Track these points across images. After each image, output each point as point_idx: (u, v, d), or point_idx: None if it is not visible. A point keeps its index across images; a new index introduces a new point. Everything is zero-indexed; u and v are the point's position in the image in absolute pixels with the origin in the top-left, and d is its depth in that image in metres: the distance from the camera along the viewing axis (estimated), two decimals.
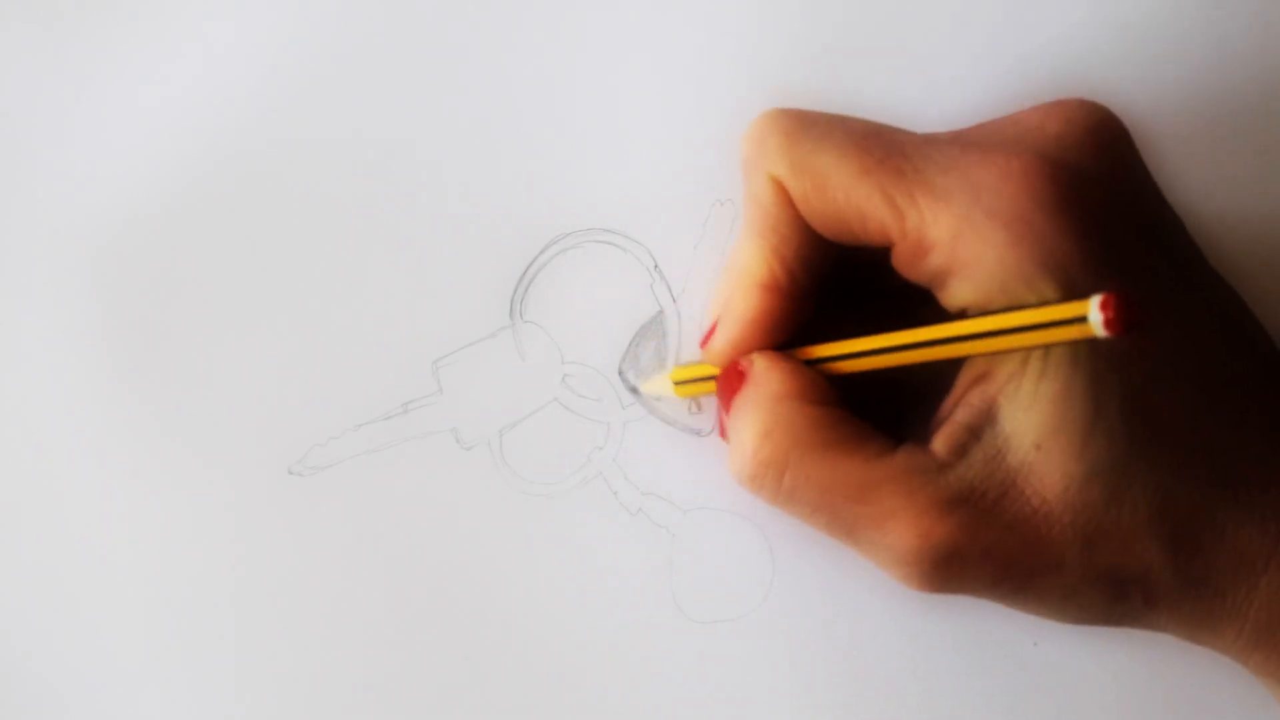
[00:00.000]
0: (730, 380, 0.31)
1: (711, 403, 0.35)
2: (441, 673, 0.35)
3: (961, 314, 0.28)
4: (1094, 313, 0.24)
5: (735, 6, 0.35)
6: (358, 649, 0.35)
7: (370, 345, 0.35)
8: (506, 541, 0.35)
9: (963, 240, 0.27)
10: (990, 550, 0.27)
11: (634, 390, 0.35)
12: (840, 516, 0.28)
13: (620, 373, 0.35)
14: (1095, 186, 0.28)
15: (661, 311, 0.35)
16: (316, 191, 0.35)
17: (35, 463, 0.35)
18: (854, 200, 0.28)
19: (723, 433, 0.33)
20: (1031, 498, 0.27)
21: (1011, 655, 0.34)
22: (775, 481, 0.29)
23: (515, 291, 0.35)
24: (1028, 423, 0.27)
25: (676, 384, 0.33)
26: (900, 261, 0.29)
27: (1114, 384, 0.27)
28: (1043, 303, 0.26)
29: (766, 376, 0.30)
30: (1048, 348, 0.27)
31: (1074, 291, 0.26)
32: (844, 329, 0.30)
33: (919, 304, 0.29)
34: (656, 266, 0.35)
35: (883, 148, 0.28)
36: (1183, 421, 0.28)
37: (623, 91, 0.35)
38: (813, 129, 0.29)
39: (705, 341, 0.32)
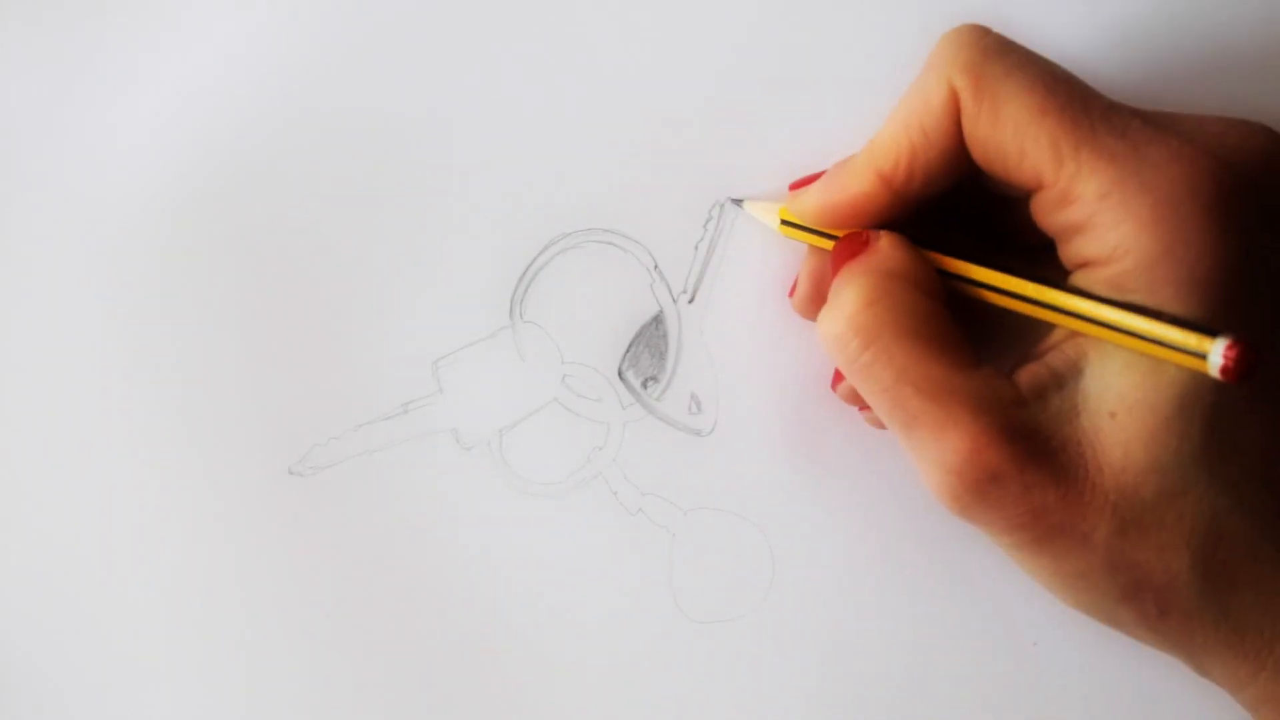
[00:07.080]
0: (852, 246, 0.31)
1: (711, 403, 0.35)
2: (441, 672, 0.35)
3: (1076, 270, 0.28)
4: (1215, 355, 0.25)
5: (737, 6, 0.35)
6: (358, 648, 0.35)
7: (370, 345, 0.35)
8: (506, 541, 0.35)
9: (1108, 202, 0.27)
10: (1030, 491, 0.27)
11: (635, 390, 0.35)
12: (905, 406, 0.28)
13: (620, 373, 0.35)
14: (1253, 206, 0.28)
15: (661, 311, 0.35)
16: (316, 192, 0.35)
17: (36, 462, 0.35)
18: (1021, 136, 0.28)
19: (809, 298, 0.33)
20: (1089, 462, 0.28)
21: (1011, 655, 0.34)
22: (859, 349, 0.29)
23: (515, 291, 0.35)
24: (1112, 389, 0.28)
25: (783, 222, 0.33)
26: (1039, 207, 0.29)
27: (1207, 393, 0.27)
28: (1168, 317, 0.26)
29: (889, 252, 0.30)
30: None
31: (1192, 298, 0.27)
32: (954, 251, 0.30)
33: (1026, 253, 0.30)
34: (656, 266, 0.35)
35: (1067, 94, 0.28)
36: (1261, 455, 0.28)
37: (623, 91, 0.35)
38: (1010, 55, 0.29)
39: (796, 186, 0.32)
